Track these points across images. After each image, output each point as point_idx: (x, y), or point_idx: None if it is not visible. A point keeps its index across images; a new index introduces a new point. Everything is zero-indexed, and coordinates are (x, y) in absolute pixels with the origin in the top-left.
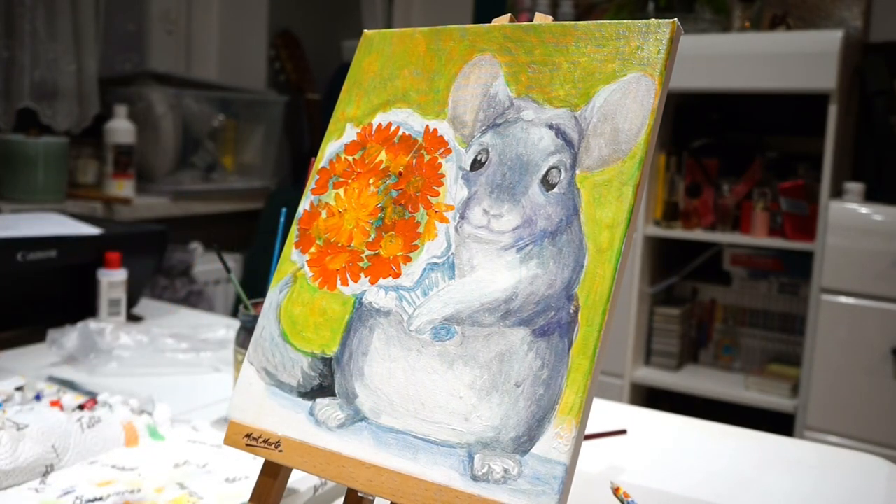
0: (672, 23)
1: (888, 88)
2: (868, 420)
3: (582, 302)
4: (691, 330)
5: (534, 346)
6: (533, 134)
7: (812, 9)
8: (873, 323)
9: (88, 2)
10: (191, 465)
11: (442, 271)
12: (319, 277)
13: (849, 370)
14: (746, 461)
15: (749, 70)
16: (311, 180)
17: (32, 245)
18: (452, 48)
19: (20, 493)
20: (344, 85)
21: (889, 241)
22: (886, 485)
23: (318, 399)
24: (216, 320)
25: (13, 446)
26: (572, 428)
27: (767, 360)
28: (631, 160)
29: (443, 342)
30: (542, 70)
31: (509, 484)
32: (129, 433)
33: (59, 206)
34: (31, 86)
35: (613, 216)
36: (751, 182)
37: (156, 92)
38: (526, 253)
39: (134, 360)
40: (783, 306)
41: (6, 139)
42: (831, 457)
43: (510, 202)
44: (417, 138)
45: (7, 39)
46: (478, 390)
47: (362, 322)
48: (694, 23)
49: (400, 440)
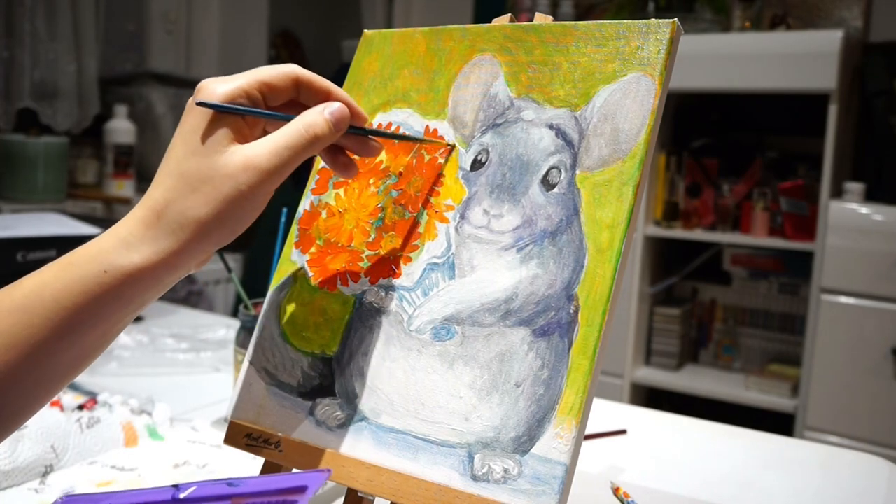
0: (672, 23)
1: (888, 88)
2: (868, 420)
3: (582, 302)
4: (691, 330)
5: (534, 346)
6: (533, 134)
7: (812, 9)
8: (873, 323)
9: (88, 2)
10: (190, 466)
11: (442, 271)
12: (320, 277)
13: (849, 370)
14: (746, 461)
15: (749, 70)
16: (311, 180)
17: (32, 245)
18: (452, 48)
19: (20, 494)
20: (344, 85)
21: (889, 241)
22: (886, 485)
23: (319, 399)
24: (216, 320)
25: (12, 446)
26: (572, 428)
27: (767, 360)
28: (631, 160)
29: (443, 342)
30: (542, 70)
31: (509, 484)
32: (129, 433)
33: (59, 206)
34: (31, 86)
35: (613, 216)
36: (751, 182)
37: (156, 92)
38: (526, 253)
39: (134, 360)
40: (783, 306)
41: (6, 139)
42: (831, 457)
43: (510, 202)
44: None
45: (7, 39)
46: (478, 390)
47: (362, 322)
48: (694, 23)
49: (400, 440)
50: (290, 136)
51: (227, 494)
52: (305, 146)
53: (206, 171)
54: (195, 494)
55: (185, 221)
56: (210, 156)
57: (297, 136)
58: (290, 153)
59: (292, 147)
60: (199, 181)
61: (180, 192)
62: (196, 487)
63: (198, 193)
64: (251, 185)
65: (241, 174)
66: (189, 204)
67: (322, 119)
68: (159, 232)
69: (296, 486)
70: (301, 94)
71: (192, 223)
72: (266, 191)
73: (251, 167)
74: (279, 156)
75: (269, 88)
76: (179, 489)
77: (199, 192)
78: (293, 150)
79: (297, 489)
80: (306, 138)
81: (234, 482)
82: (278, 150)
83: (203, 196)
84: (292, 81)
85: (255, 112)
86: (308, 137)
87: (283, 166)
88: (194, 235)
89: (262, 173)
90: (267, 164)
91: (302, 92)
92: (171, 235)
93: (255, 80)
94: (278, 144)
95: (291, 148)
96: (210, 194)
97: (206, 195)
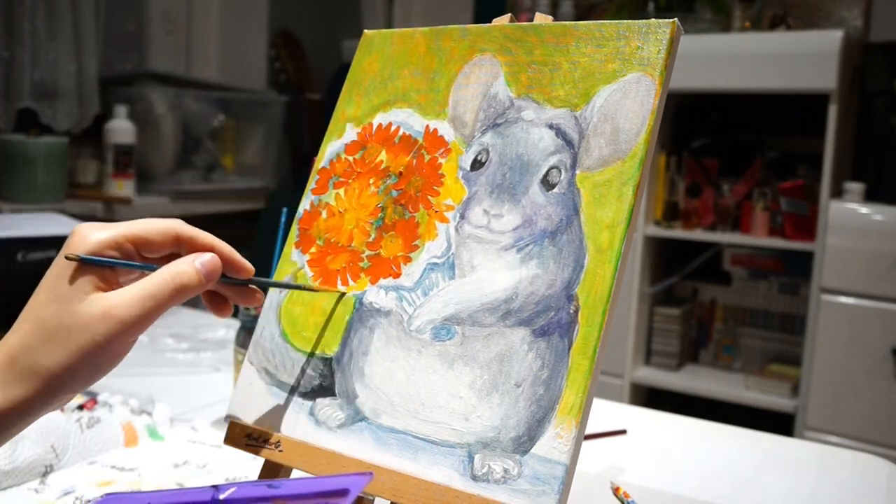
0: (672, 23)
1: (888, 88)
2: (868, 420)
3: (582, 302)
4: (691, 330)
5: (534, 346)
6: (533, 134)
7: (812, 9)
8: (873, 323)
9: (88, 2)
10: (190, 466)
11: (442, 271)
12: (320, 277)
13: (849, 370)
14: (746, 461)
15: (749, 70)
16: (311, 180)
17: (32, 245)
18: (453, 48)
19: (20, 494)
20: (344, 85)
21: (889, 241)
22: (886, 485)
23: (319, 399)
24: (216, 320)
25: (12, 446)
26: (572, 428)
27: (767, 360)
28: (631, 160)
29: (443, 342)
30: (542, 70)
31: (509, 484)
32: (129, 433)
33: (59, 206)
34: (31, 86)
35: (613, 216)
36: (751, 182)
37: (156, 92)
38: (526, 253)
39: (134, 360)
40: (783, 306)
41: (6, 139)
42: (831, 457)
43: (510, 202)
44: (418, 138)
45: (7, 39)
46: (478, 390)
47: (362, 322)
48: (694, 23)
49: (400, 440)
50: (156, 286)
51: (267, 496)
52: (171, 296)
53: (63, 320)
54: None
55: (37, 369)
56: (69, 304)
57: (162, 286)
58: (152, 303)
59: (156, 297)
60: (55, 329)
61: (36, 338)
62: (236, 489)
63: (52, 342)
64: (108, 336)
65: (98, 324)
66: (43, 352)
67: (192, 269)
68: (11, 378)
69: (338, 489)
70: (183, 249)
71: (44, 372)
72: (126, 341)
73: (110, 317)
74: (141, 306)
75: (144, 242)
76: (219, 490)
77: (55, 340)
78: (156, 300)
79: (338, 492)
80: (172, 287)
81: (274, 484)
82: (141, 300)
83: (57, 345)
84: (172, 237)
85: (120, 264)
86: (174, 287)
87: (145, 317)
88: (45, 385)
89: (121, 324)
90: (127, 314)
91: (184, 247)
92: (22, 383)
93: (129, 233)
94: (143, 294)
95: (155, 298)
96: (64, 343)
97: (61, 344)
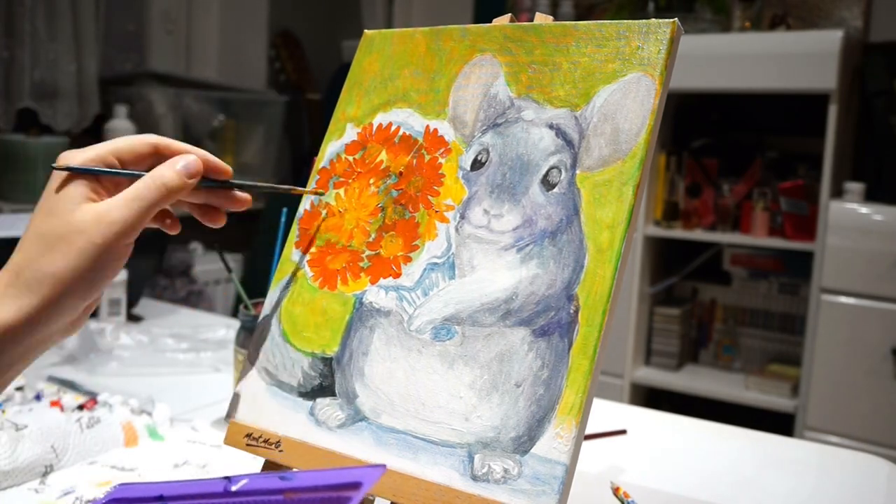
0: (672, 23)
1: (888, 88)
2: (868, 420)
3: (582, 302)
4: (691, 330)
5: (534, 346)
6: (533, 134)
7: (812, 9)
8: (873, 323)
9: (88, 2)
10: (190, 466)
11: (442, 271)
12: (320, 277)
13: (849, 370)
14: (746, 461)
15: (749, 70)
16: (311, 180)
17: None
18: (453, 48)
19: (20, 494)
20: (344, 85)
21: (889, 241)
22: (886, 485)
23: (319, 399)
24: (216, 320)
25: (12, 446)
26: (572, 428)
27: (767, 360)
28: (631, 160)
29: (443, 342)
30: (542, 70)
31: (509, 484)
32: (129, 433)
33: None
34: (31, 86)
35: (613, 216)
36: (751, 182)
37: (156, 92)
38: (526, 253)
39: (134, 360)
40: (783, 306)
41: (6, 139)
42: (831, 457)
43: (510, 202)
44: (418, 138)
45: (7, 39)
46: (478, 390)
47: (362, 322)
48: (694, 23)
49: (400, 440)
50: (140, 189)
51: (279, 489)
52: (156, 197)
53: (60, 229)
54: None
55: (42, 277)
56: (63, 215)
57: (146, 189)
58: (139, 204)
59: (142, 198)
60: (54, 239)
61: (37, 251)
62: (248, 480)
63: (53, 250)
64: (104, 237)
65: (92, 228)
66: (46, 261)
67: (173, 171)
68: (19, 290)
69: (350, 482)
70: (162, 158)
71: (49, 278)
72: (121, 243)
73: (102, 220)
74: (129, 207)
75: (126, 154)
76: (231, 481)
77: (55, 249)
78: (143, 201)
79: (351, 485)
80: (155, 189)
81: (286, 476)
82: (129, 202)
83: (59, 252)
84: (150, 147)
85: (106, 171)
86: (158, 188)
87: (135, 218)
88: (53, 290)
89: (113, 225)
90: (118, 216)
91: (163, 156)
92: (30, 292)
93: (112, 148)
94: (130, 196)
95: (142, 199)
96: (64, 250)
97: (61, 251)
